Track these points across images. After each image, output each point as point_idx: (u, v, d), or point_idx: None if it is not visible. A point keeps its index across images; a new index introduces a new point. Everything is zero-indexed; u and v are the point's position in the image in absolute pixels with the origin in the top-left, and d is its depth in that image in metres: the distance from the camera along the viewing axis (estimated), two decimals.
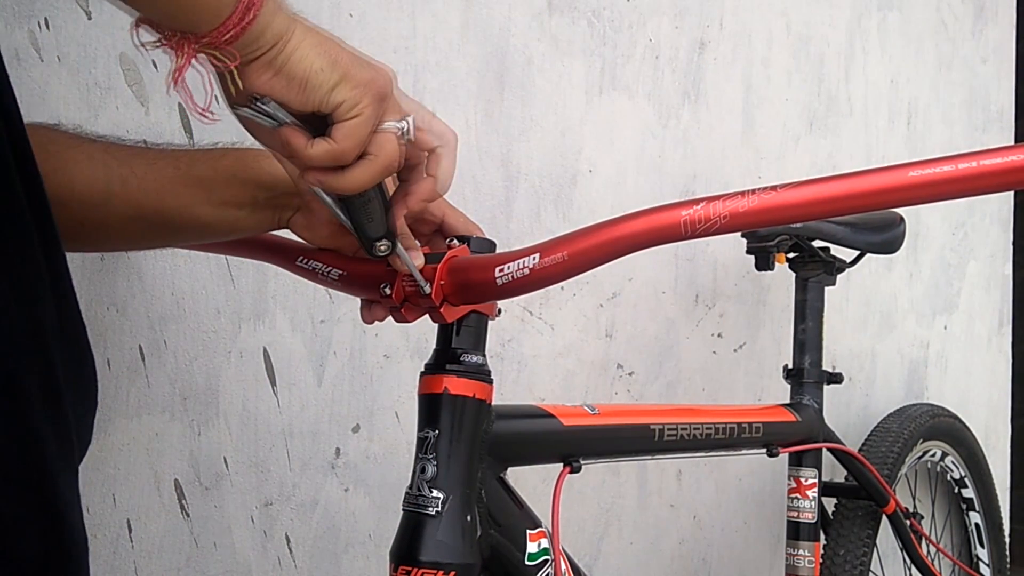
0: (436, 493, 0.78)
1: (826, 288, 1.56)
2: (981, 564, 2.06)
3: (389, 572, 0.79)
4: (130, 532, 1.06)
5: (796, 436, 1.38)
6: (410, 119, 0.69)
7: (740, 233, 1.51)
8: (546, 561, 0.86)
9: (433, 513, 0.78)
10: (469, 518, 0.79)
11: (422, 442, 0.80)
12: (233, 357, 1.15)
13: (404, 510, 0.80)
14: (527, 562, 0.85)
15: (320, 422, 1.23)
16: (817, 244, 1.52)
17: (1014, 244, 2.62)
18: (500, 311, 0.86)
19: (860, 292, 2.11)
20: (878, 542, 1.61)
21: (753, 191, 0.59)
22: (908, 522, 1.57)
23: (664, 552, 1.70)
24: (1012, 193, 2.62)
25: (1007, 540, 2.20)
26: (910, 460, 1.80)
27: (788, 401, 1.49)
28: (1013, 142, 2.55)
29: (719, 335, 1.78)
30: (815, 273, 1.54)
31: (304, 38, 0.63)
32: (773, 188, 0.59)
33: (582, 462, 0.94)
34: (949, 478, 2.03)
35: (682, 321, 1.71)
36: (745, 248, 1.52)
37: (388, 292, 0.79)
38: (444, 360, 0.81)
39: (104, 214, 0.79)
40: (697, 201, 0.62)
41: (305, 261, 0.88)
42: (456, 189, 1.37)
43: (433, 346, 0.83)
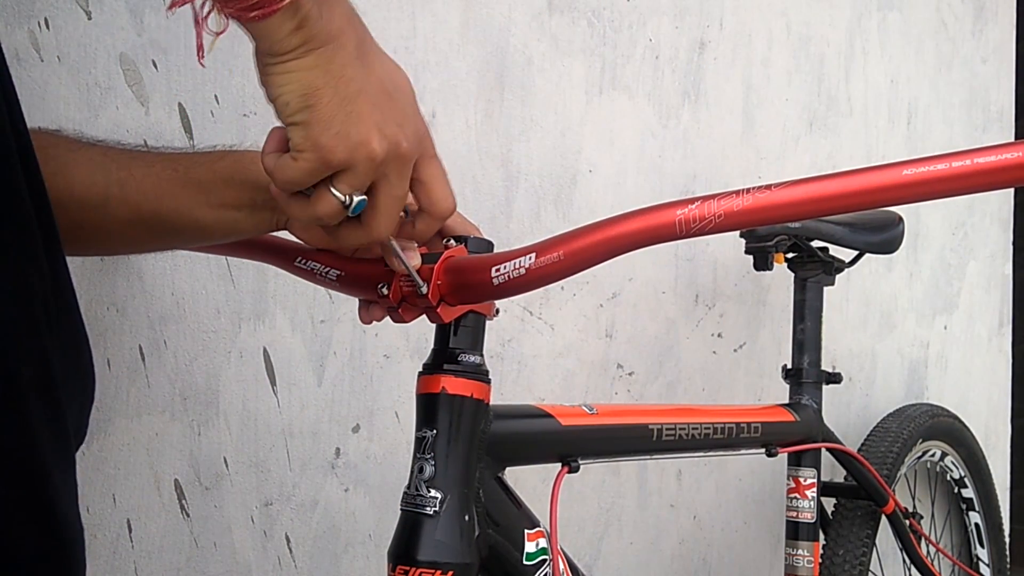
0: (434, 493, 0.78)
1: (825, 288, 1.56)
2: (981, 564, 2.06)
3: (387, 572, 0.79)
4: (130, 532, 1.07)
5: (795, 436, 1.38)
6: (358, 198, 0.66)
7: (739, 233, 1.51)
8: (544, 561, 0.86)
9: (431, 513, 0.78)
10: (467, 518, 0.79)
11: (420, 442, 0.80)
12: (233, 357, 1.15)
13: (402, 510, 0.80)
14: (525, 562, 0.85)
15: (320, 422, 1.23)
16: (816, 244, 1.52)
17: (1014, 244, 2.62)
18: (498, 311, 0.86)
19: (860, 292, 2.11)
20: (878, 542, 1.62)
21: (748, 190, 0.60)
22: (907, 522, 1.57)
23: (664, 552, 1.70)
24: (1012, 193, 2.62)
25: (1007, 540, 2.20)
26: (909, 460, 1.80)
27: (787, 401, 1.49)
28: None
29: (719, 335, 1.78)
30: (814, 273, 1.54)
31: (304, 69, 0.61)
32: (768, 187, 0.59)
33: (580, 462, 0.94)
34: (949, 478, 2.03)
35: (682, 321, 1.71)
36: (744, 248, 1.52)
37: (385, 292, 0.79)
38: (442, 360, 0.81)
39: (102, 216, 0.79)
40: (692, 200, 0.62)
41: (303, 262, 0.88)
42: (456, 189, 1.37)
43: (432, 346, 0.84)
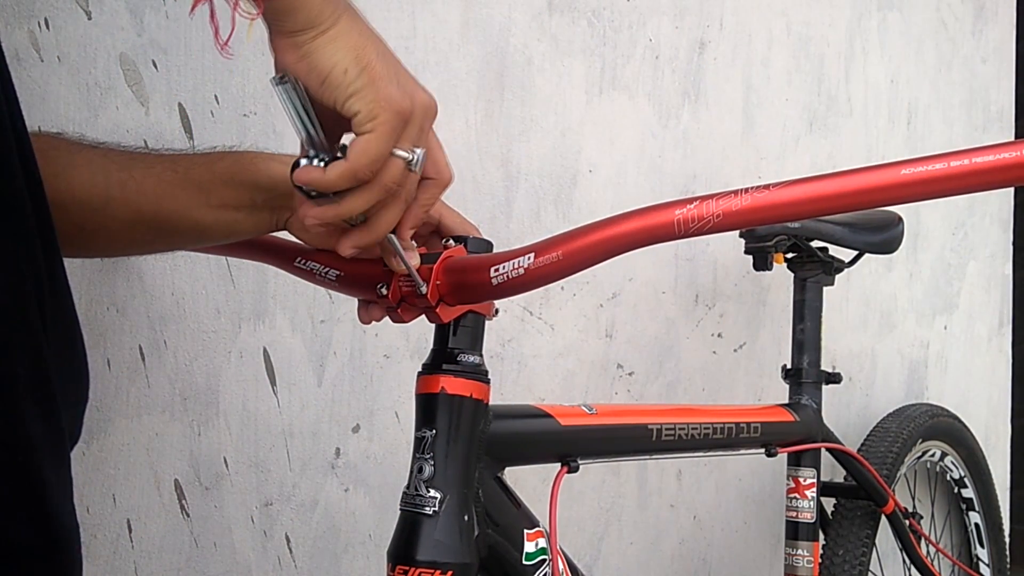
0: (433, 493, 0.78)
1: (825, 288, 1.56)
2: (981, 564, 2.06)
3: (387, 572, 0.79)
4: (130, 532, 1.07)
5: (794, 436, 1.38)
6: (420, 151, 0.66)
7: (738, 233, 1.51)
8: (544, 561, 0.86)
9: (430, 513, 0.78)
10: (466, 518, 0.79)
11: (419, 442, 0.80)
12: (233, 357, 1.15)
13: (401, 510, 0.80)
14: (524, 562, 0.85)
15: (320, 422, 1.23)
16: (815, 244, 1.52)
17: (1014, 244, 2.62)
18: (497, 311, 0.86)
19: (860, 292, 2.11)
20: (877, 542, 1.62)
21: (746, 190, 0.60)
22: (907, 522, 1.57)
23: (664, 552, 1.70)
24: (1012, 193, 2.62)
25: (1007, 540, 2.20)
26: (909, 460, 1.80)
27: (787, 401, 1.49)
28: None
29: (719, 335, 1.78)
30: (813, 273, 1.54)
31: (344, 34, 0.61)
32: (766, 187, 0.59)
33: (580, 462, 0.94)
34: (949, 478, 2.03)
35: (682, 321, 1.71)
36: (744, 248, 1.52)
37: (384, 292, 0.79)
38: (441, 360, 0.81)
39: (103, 218, 0.79)
40: (691, 200, 0.62)
41: (303, 262, 0.88)
42: (456, 189, 1.37)
43: (431, 346, 0.84)
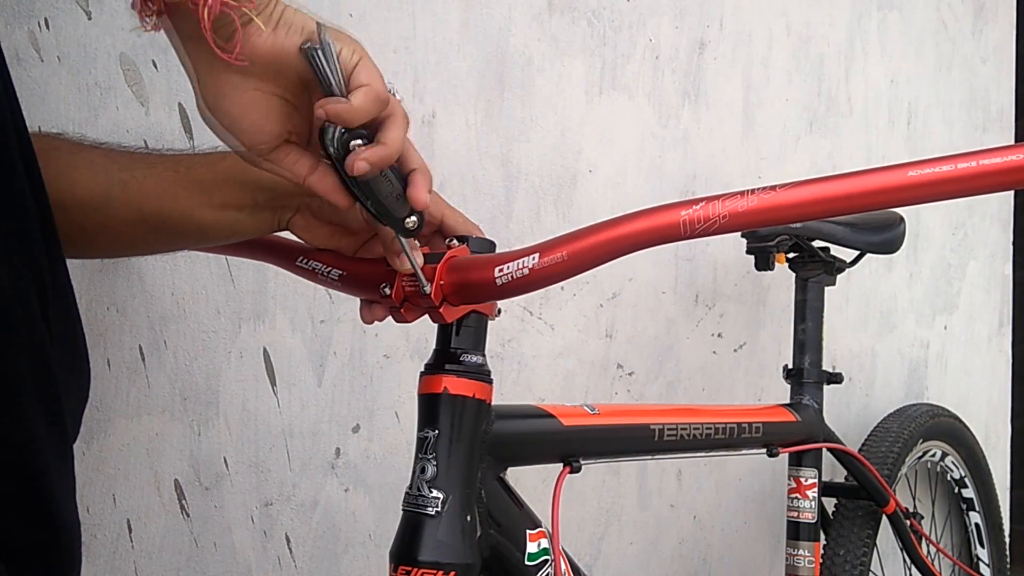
0: (436, 493, 0.78)
1: (826, 288, 1.56)
2: (981, 564, 2.06)
3: (389, 572, 0.79)
4: (130, 532, 1.06)
5: (796, 436, 1.38)
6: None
7: (740, 233, 1.51)
8: (546, 561, 0.86)
9: (433, 513, 0.78)
10: (469, 518, 0.79)
11: (422, 442, 0.80)
12: (233, 357, 1.15)
13: (404, 510, 0.80)
14: (527, 562, 0.85)
15: (320, 422, 1.23)
16: (817, 244, 1.52)
17: (1014, 244, 2.62)
18: (500, 311, 0.86)
19: (860, 292, 2.11)
20: (878, 542, 1.61)
21: (752, 191, 0.59)
22: (908, 522, 1.57)
23: (664, 552, 1.70)
24: (1012, 193, 2.62)
25: (1007, 540, 2.20)
26: (910, 460, 1.80)
27: (788, 401, 1.49)
28: (1013, 142, 2.55)
29: (719, 335, 1.78)
30: (815, 273, 1.54)
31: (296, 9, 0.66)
32: (772, 188, 0.59)
33: (582, 462, 0.93)
34: (949, 478, 2.03)
35: (682, 321, 1.71)
36: (745, 248, 1.52)
37: (388, 292, 0.79)
38: (444, 360, 0.81)
39: (105, 218, 0.79)
40: (696, 201, 0.62)
41: (305, 261, 0.88)
42: (456, 189, 1.38)
43: (433, 346, 0.83)
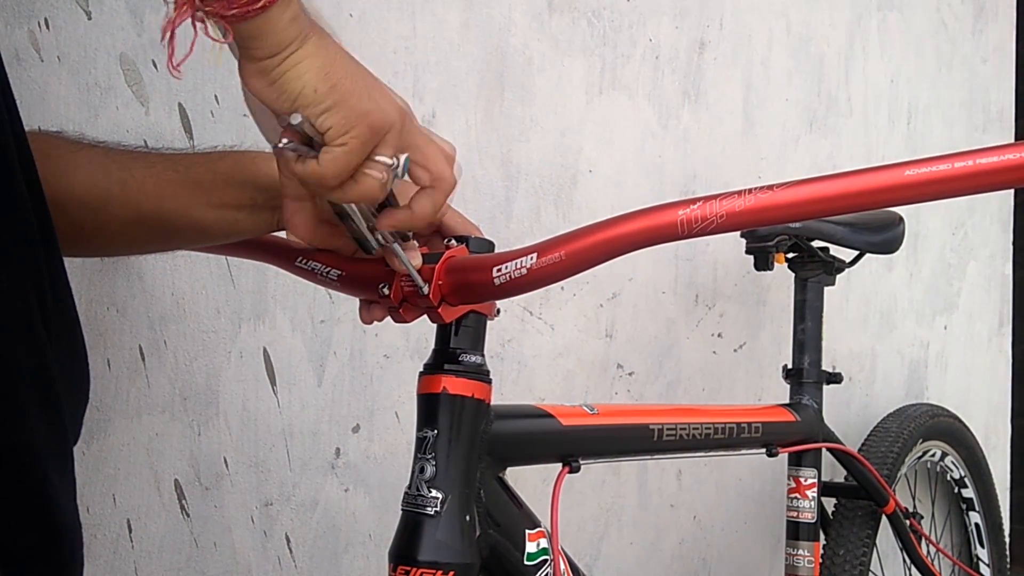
0: (435, 493, 0.78)
1: (826, 288, 1.56)
2: (981, 564, 2.06)
3: (388, 572, 0.79)
4: (130, 532, 1.07)
5: (795, 436, 1.38)
6: (403, 157, 0.67)
7: (739, 233, 1.51)
8: (545, 561, 0.86)
9: (432, 513, 0.78)
10: (468, 518, 0.79)
11: (421, 442, 0.80)
12: (233, 357, 1.15)
13: (403, 510, 0.80)
14: (526, 562, 0.85)
15: (320, 422, 1.23)
16: (816, 244, 1.52)
17: (1014, 244, 2.62)
18: (499, 311, 0.86)
19: (860, 292, 2.11)
20: (878, 542, 1.61)
21: (750, 190, 0.59)
22: (908, 522, 1.57)
23: (664, 552, 1.70)
24: (1012, 193, 2.62)
25: (1007, 540, 2.20)
26: (910, 460, 1.80)
27: (787, 401, 1.49)
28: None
29: (719, 335, 1.78)
30: (814, 273, 1.54)
31: (311, 54, 0.61)
32: (770, 187, 0.59)
33: (581, 462, 0.94)
34: (949, 478, 2.03)
35: (682, 321, 1.71)
36: (744, 248, 1.52)
37: (386, 292, 0.79)
38: (443, 360, 0.81)
39: (103, 217, 0.79)
40: (694, 200, 0.62)
41: (304, 262, 0.88)
42: (456, 189, 1.38)
43: (432, 346, 0.84)
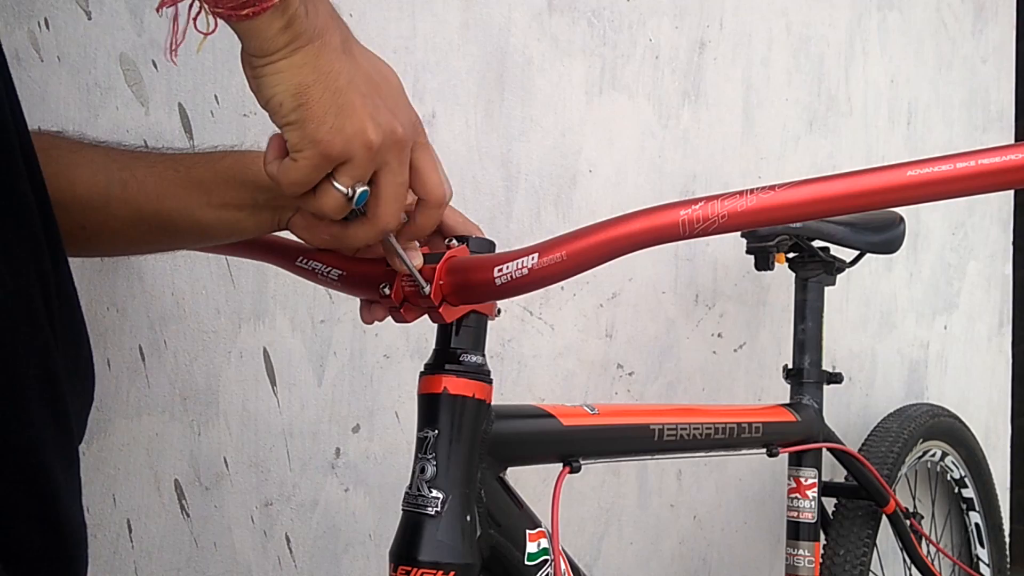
0: (435, 493, 0.78)
1: (826, 288, 1.56)
2: (981, 564, 2.06)
3: (388, 572, 0.79)
4: (130, 532, 1.07)
5: (796, 436, 1.38)
6: (359, 189, 0.68)
7: (740, 233, 1.51)
8: (546, 561, 0.86)
9: (432, 513, 0.78)
10: (468, 518, 0.79)
11: (421, 442, 0.80)
12: (233, 357, 1.15)
13: (403, 510, 0.80)
14: (527, 562, 0.85)
15: (320, 422, 1.23)
16: (817, 244, 1.52)
17: (1014, 244, 2.62)
18: (499, 311, 0.86)
19: (860, 292, 2.11)
20: (878, 542, 1.61)
21: (751, 191, 0.59)
22: (908, 522, 1.57)
23: (664, 552, 1.70)
24: (1012, 193, 2.62)
25: (1007, 540, 2.20)
26: (910, 460, 1.80)
27: (788, 401, 1.49)
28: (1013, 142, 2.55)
29: (719, 335, 1.78)
30: (815, 273, 1.54)
31: (293, 67, 0.61)
32: (771, 188, 0.59)
33: (582, 462, 0.93)
34: (949, 478, 2.03)
35: (682, 321, 1.71)
36: (745, 248, 1.52)
37: (387, 292, 0.79)
38: (443, 360, 0.81)
39: (104, 217, 0.79)
40: (696, 201, 0.62)
41: (305, 261, 0.88)
42: (456, 189, 1.37)
43: (433, 346, 0.83)
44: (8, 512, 0.57)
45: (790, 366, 1.53)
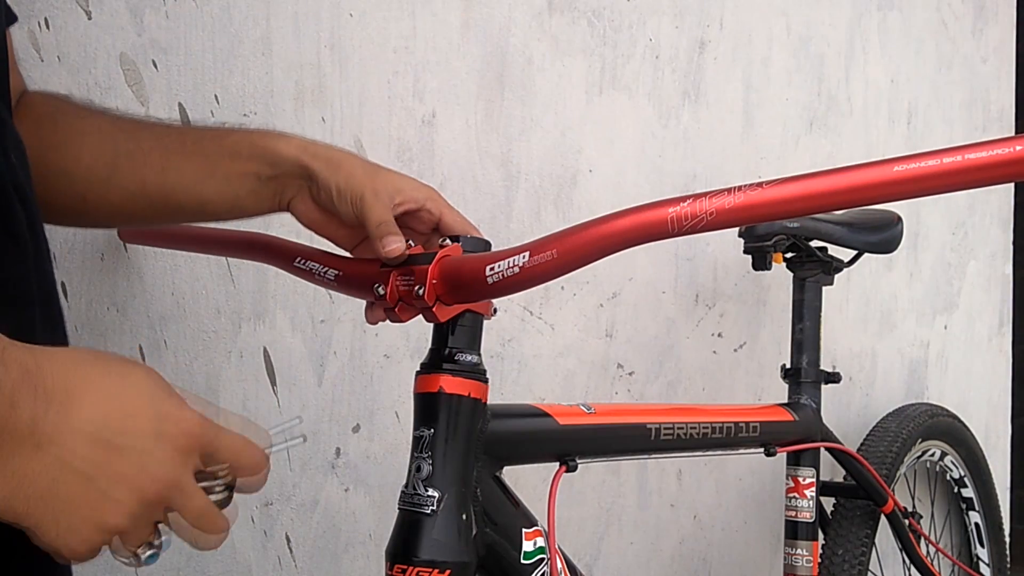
0: (432, 492, 0.78)
1: (825, 288, 1.56)
2: (981, 564, 2.06)
3: (385, 571, 0.79)
4: None
5: (793, 435, 1.38)
6: (157, 541, 0.59)
7: (738, 233, 1.51)
8: (542, 560, 0.87)
9: (429, 512, 0.78)
10: (464, 517, 0.79)
11: (418, 441, 0.81)
12: (233, 357, 1.16)
13: (400, 509, 0.80)
14: (523, 561, 0.85)
15: (320, 422, 1.24)
16: (815, 244, 1.52)
17: (1014, 244, 2.62)
18: (496, 310, 0.86)
19: (860, 292, 2.11)
20: (877, 542, 1.61)
21: (740, 187, 0.60)
22: (907, 521, 1.57)
23: (664, 552, 1.70)
24: (1012, 193, 2.62)
25: (1007, 540, 2.20)
26: (909, 460, 1.80)
27: (786, 401, 1.49)
28: None
29: (719, 335, 1.78)
30: (813, 273, 1.54)
31: None
32: (759, 184, 0.59)
33: (578, 461, 0.94)
34: (948, 478, 2.03)
35: (682, 321, 1.71)
36: (743, 248, 1.52)
37: (382, 292, 0.80)
38: (439, 359, 0.81)
39: (107, 188, 0.79)
40: (684, 198, 0.62)
41: (302, 262, 0.88)
42: (456, 189, 1.38)
43: (430, 346, 0.84)
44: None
45: (788, 366, 1.53)
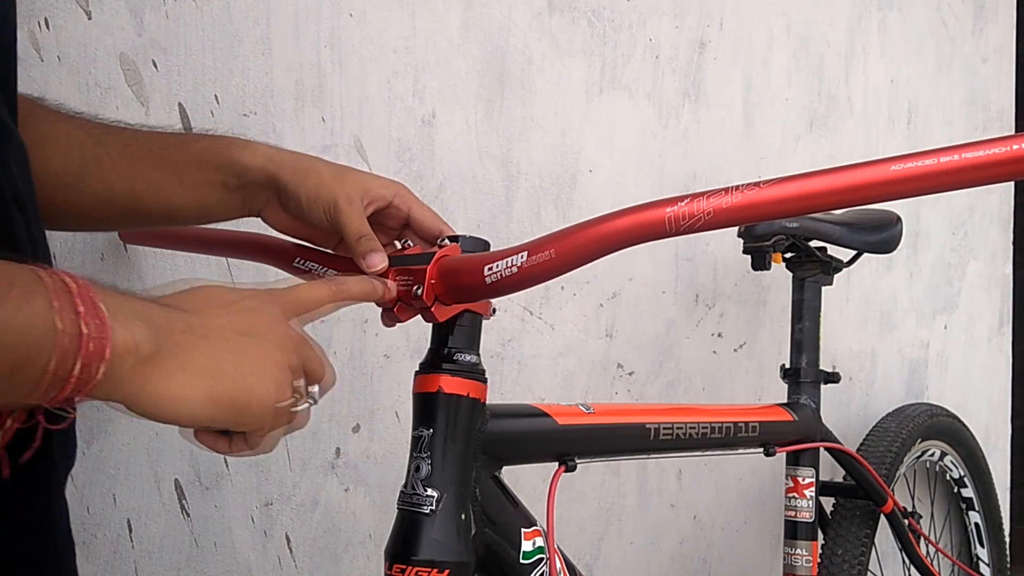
0: (431, 492, 0.79)
1: (824, 288, 1.56)
2: (981, 564, 2.06)
3: (384, 570, 0.79)
4: (130, 532, 1.07)
5: (793, 435, 1.38)
6: (311, 389, 0.66)
7: (737, 233, 1.51)
8: (541, 559, 0.87)
9: (428, 512, 0.78)
10: (463, 516, 0.79)
11: (417, 441, 0.81)
12: None
13: (399, 508, 0.80)
14: (522, 560, 0.85)
15: (320, 422, 1.24)
16: (814, 244, 1.52)
17: (1014, 244, 2.62)
18: (495, 310, 0.86)
19: (860, 292, 2.11)
20: (877, 542, 1.61)
21: (737, 187, 0.60)
22: (906, 521, 1.57)
23: (664, 552, 1.70)
24: (1012, 192, 2.62)
25: (1007, 540, 2.20)
26: (908, 460, 1.80)
27: (785, 401, 1.49)
28: None
29: (719, 335, 1.78)
30: (812, 273, 1.54)
31: (180, 367, 0.57)
32: (756, 184, 0.59)
33: (577, 461, 0.94)
34: (948, 478, 2.03)
35: (682, 321, 1.71)
36: (742, 248, 1.52)
37: None
38: (438, 359, 0.81)
39: (76, 194, 0.79)
40: (682, 198, 0.62)
41: (302, 262, 0.88)
42: (456, 189, 1.39)
43: (429, 346, 0.84)
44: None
45: (787, 366, 1.53)
